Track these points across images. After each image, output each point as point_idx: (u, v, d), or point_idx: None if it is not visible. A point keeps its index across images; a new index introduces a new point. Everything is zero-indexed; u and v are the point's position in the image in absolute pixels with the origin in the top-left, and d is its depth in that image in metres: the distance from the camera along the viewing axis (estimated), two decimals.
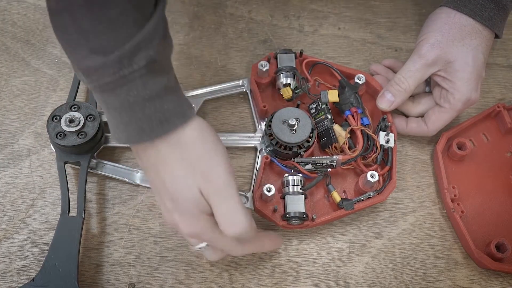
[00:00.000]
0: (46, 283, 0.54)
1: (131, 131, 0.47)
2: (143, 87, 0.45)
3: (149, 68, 0.45)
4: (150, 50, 0.45)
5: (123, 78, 0.44)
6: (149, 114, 0.46)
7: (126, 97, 0.45)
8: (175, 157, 0.48)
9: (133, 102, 0.45)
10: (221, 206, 0.48)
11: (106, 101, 0.47)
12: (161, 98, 0.46)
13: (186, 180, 0.48)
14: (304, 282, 0.60)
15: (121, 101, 0.46)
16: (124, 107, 0.46)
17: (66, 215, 0.57)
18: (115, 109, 0.47)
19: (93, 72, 0.45)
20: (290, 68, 0.65)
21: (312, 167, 0.60)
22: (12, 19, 0.73)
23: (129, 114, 0.46)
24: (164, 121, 0.47)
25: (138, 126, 0.46)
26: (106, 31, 0.44)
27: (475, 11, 0.62)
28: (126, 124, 0.47)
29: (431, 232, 0.63)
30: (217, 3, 0.76)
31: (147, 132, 0.47)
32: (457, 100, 0.62)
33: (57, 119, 0.60)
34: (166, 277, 0.59)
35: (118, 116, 0.47)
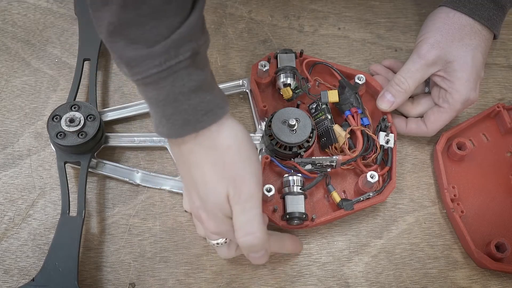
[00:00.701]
0: (46, 283, 0.54)
1: (175, 124, 0.47)
2: (188, 79, 0.45)
3: (192, 60, 0.45)
4: (194, 42, 0.45)
5: (168, 69, 0.44)
6: (194, 105, 0.46)
7: (172, 89, 0.45)
8: (208, 160, 0.48)
9: (178, 93, 0.45)
10: (242, 216, 0.49)
11: (149, 94, 0.46)
12: (204, 90, 0.47)
13: (216, 185, 0.48)
14: (304, 282, 0.60)
15: (165, 93, 0.45)
16: (169, 99, 0.46)
17: (66, 215, 0.57)
18: (158, 102, 0.46)
19: (136, 64, 0.44)
20: (290, 68, 0.65)
21: (312, 167, 0.60)
22: (12, 19, 0.73)
23: (173, 106, 0.46)
24: (209, 112, 0.47)
25: (183, 118, 0.46)
26: (149, 21, 0.43)
27: (474, 10, 0.62)
28: (169, 117, 0.46)
29: (431, 232, 0.63)
30: (217, 3, 0.76)
31: (192, 124, 0.46)
32: (456, 100, 0.62)
33: (57, 119, 0.60)
34: (166, 277, 0.59)
35: (161, 110, 0.47)
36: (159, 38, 0.44)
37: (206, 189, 0.49)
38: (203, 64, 0.47)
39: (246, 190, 0.48)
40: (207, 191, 0.49)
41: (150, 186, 0.63)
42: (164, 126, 0.47)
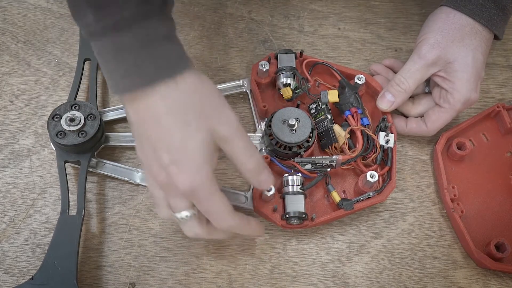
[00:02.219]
0: (45, 281, 0.54)
1: (147, 71, 0.45)
2: (160, 24, 0.45)
3: (163, 9, 0.45)
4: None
5: (143, 13, 0.44)
6: (167, 50, 0.45)
7: (147, 32, 0.44)
8: (184, 101, 0.46)
9: (152, 38, 0.45)
10: (239, 143, 0.49)
11: (117, 40, 0.45)
12: (174, 38, 0.46)
13: (196, 123, 0.47)
14: (304, 282, 0.60)
15: (139, 38, 0.44)
16: (142, 44, 0.45)
17: (66, 214, 0.57)
18: (130, 48, 0.45)
19: (109, 5, 0.43)
20: (290, 68, 0.65)
21: (311, 167, 0.60)
22: (12, 19, 0.73)
23: (146, 51, 0.45)
24: (180, 59, 0.46)
25: (156, 63, 0.45)
26: None
27: (474, 11, 0.62)
28: (140, 64, 0.45)
29: (430, 232, 0.63)
30: (217, 3, 0.76)
31: (165, 69, 0.45)
32: (457, 100, 0.62)
33: (57, 118, 0.60)
34: (166, 277, 0.59)
35: (131, 57, 0.45)
36: None
37: (182, 131, 0.46)
38: (170, 18, 0.47)
39: (233, 119, 0.48)
40: (183, 133, 0.46)
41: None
42: (131, 76, 0.45)
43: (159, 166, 0.48)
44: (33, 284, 0.54)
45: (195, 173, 0.47)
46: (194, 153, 0.47)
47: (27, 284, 0.54)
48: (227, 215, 0.50)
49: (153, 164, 0.48)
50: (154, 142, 0.47)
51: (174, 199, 0.49)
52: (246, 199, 0.61)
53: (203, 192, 0.48)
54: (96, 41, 0.46)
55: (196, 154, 0.47)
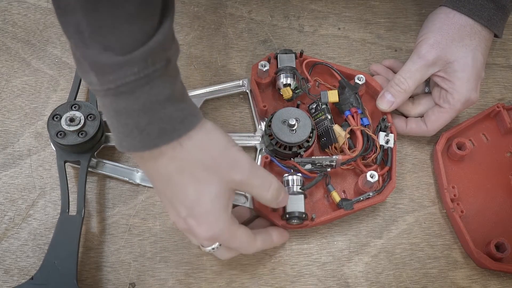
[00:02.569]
0: (45, 281, 0.54)
1: (150, 134, 0.44)
2: (163, 87, 0.44)
3: (166, 69, 0.44)
4: (168, 50, 0.44)
5: (146, 77, 0.42)
6: (169, 113, 0.44)
7: (148, 97, 0.43)
8: (192, 159, 0.46)
9: (155, 102, 0.43)
10: (255, 182, 0.50)
11: (120, 105, 0.44)
12: (178, 98, 0.45)
13: (206, 178, 0.47)
14: (304, 282, 0.60)
15: (141, 102, 0.43)
16: (145, 108, 0.43)
17: (66, 213, 0.57)
18: (132, 113, 0.44)
19: (112, 71, 0.42)
20: (290, 68, 0.65)
21: (311, 167, 0.60)
22: (12, 19, 0.73)
23: (149, 115, 0.44)
24: (184, 120, 0.45)
25: (159, 127, 0.44)
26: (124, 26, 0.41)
27: (474, 11, 0.62)
28: (143, 128, 0.44)
29: (430, 232, 0.63)
30: (217, 3, 0.76)
31: (169, 132, 0.45)
32: (457, 100, 0.62)
33: (57, 118, 0.60)
34: (167, 277, 0.59)
35: (133, 121, 0.44)
36: (135, 44, 0.42)
37: (199, 189, 0.47)
38: (175, 72, 0.46)
39: (246, 163, 0.48)
40: (200, 191, 0.47)
41: (150, 185, 0.63)
42: (135, 139, 0.45)
43: (177, 215, 0.49)
44: (33, 284, 0.54)
45: (214, 224, 0.49)
46: (209, 206, 0.48)
47: (27, 284, 0.54)
48: (251, 245, 0.53)
49: (171, 212, 0.50)
50: (169, 198, 0.49)
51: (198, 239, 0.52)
52: (246, 199, 0.61)
53: (223, 237, 0.50)
54: (99, 98, 0.45)
55: (211, 207, 0.48)
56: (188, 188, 0.47)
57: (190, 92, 0.67)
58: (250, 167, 0.49)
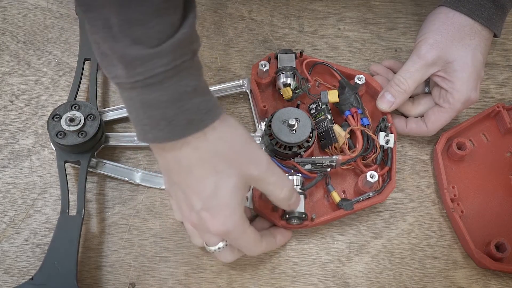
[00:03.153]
0: (45, 281, 0.54)
1: (177, 125, 0.45)
2: (190, 79, 0.45)
3: (193, 60, 0.45)
4: (195, 42, 0.45)
5: (174, 68, 0.43)
6: (197, 104, 0.45)
7: (177, 88, 0.44)
8: (214, 150, 0.47)
9: (183, 92, 0.44)
10: (271, 179, 0.50)
11: (148, 97, 0.44)
12: (202, 90, 0.46)
13: (227, 171, 0.48)
14: (304, 282, 0.60)
15: (170, 93, 0.44)
16: (173, 99, 0.44)
17: (66, 214, 0.57)
18: (160, 104, 0.44)
19: (141, 63, 0.43)
20: (290, 68, 0.65)
21: (311, 167, 0.60)
22: (12, 19, 0.73)
23: (177, 106, 0.44)
24: (209, 111, 0.46)
25: (186, 118, 0.45)
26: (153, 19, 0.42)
27: (473, 10, 0.62)
28: (171, 119, 0.45)
29: (430, 232, 0.63)
30: (217, 3, 0.76)
31: (195, 123, 0.45)
32: (457, 100, 0.62)
33: (57, 118, 0.60)
34: (166, 277, 0.59)
35: (161, 112, 0.45)
36: (163, 37, 0.43)
37: (218, 181, 0.48)
38: (199, 65, 0.47)
39: (264, 160, 0.50)
40: (219, 183, 0.48)
41: (150, 185, 0.63)
42: (162, 130, 0.46)
43: (190, 209, 0.50)
44: (33, 285, 0.54)
45: (228, 218, 0.49)
46: (226, 199, 0.48)
47: (27, 284, 0.54)
48: (257, 246, 0.54)
49: (184, 206, 0.51)
50: (185, 189, 0.49)
51: (206, 235, 0.52)
52: (246, 199, 0.61)
53: (236, 233, 0.50)
54: (123, 91, 0.46)
55: (228, 200, 0.48)
56: (207, 179, 0.48)
57: None
58: (268, 163, 0.50)
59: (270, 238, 0.57)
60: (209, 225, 0.49)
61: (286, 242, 0.61)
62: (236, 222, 0.49)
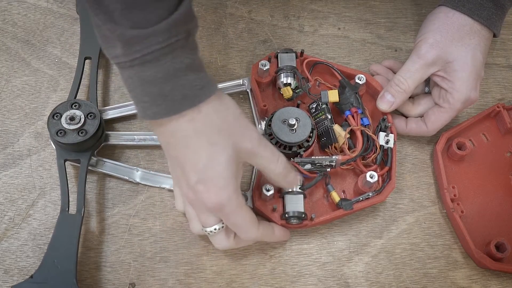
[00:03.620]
0: (45, 280, 0.54)
1: (174, 100, 0.47)
2: (185, 56, 0.47)
3: (188, 40, 0.47)
4: (189, 23, 0.47)
5: (169, 46, 0.46)
6: (191, 80, 0.48)
7: (172, 65, 0.46)
8: (209, 123, 0.49)
9: (178, 69, 0.47)
10: (264, 153, 0.52)
11: (145, 73, 0.47)
12: (197, 68, 0.48)
13: (221, 142, 0.49)
14: (304, 282, 0.60)
15: (165, 69, 0.46)
16: (169, 75, 0.47)
17: (66, 212, 0.57)
18: (156, 80, 0.47)
19: (138, 41, 0.45)
20: (291, 67, 0.65)
21: (311, 167, 0.60)
22: (12, 19, 0.73)
23: (173, 82, 0.47)
24: (204, 87, 0.48)
25: (182, 93, 0.47)
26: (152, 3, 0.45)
27: (473, 10, 0.62)
28: (167, 94, 0.47)
29: (431, 232, 0.63)
30: (217, 3, 0.76)
31: (190, 98, 0.48)
32: (457, 100, 0.62)
33: (57, 116, 0.60)
34: (166, 277, 0.59)
35: (158, 88, 0.47)
36: (159, 19, 0.45)
37: (212, 152, 0.49)
38: (194, 45, 0.49)
39: (256, 135, 0.51)
40: (213, 154, 0.49)
41: (150, 184, 0.63)
42: (160, 106, 0.48)
43: (187, 185, 0.51)
44: (32, 283, 0.54)
45: (222, 190, 0.50)
46: (220, 171, 0.50)
47: (27, 282, 0.54)
48: (252, 228, 0.54)
49: (183, 183, 0.52)
50: (182, 163, 0.51)
51: (203, 215, 0.54)
52: (246, 199, 0.61)
53: (230, 207, 0.51)
54: (123, 71, 0.48)
55: (223, 171, 0.50)
56: (202, 151, 0.49)
57: None
58: (260, 137, 0.52)
59: (268, 227, 0.57)
60: (204, 198, 0.50)
61: (285, 239, 0.60)
62: (230, 195, 0.50)
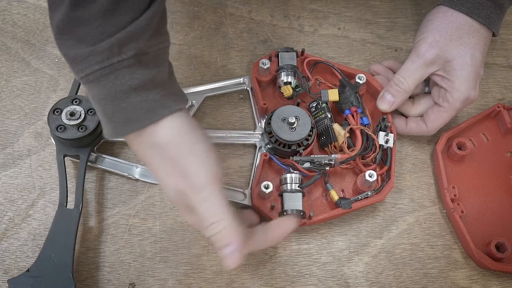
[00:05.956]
0: (41, 274, 0.54)
1: (117, 123, 0.47)
2: (130, 77, 0.45)
3: (138, 59, 0.45)
4: (141, 42, 0.45)
5: (110, 66, 0.44)
6: (134, 103, 0.46)
7: (113, 86, 0.45)
8: (154, 158, 0.48)
9: (119, 91, 0.45)
10: (201, 207, 0.47)
11: (92, 93, 0.47)
12: (147, 89, 0.46)
13: (167, 181, 0.48)
14: (304, 282, 0.60)
15: (107, 91, 0.45)
16: (110, 97, 0.45)
17: (64, 207, 0.58)
18: (100, 101, 0.46)
19: (80, 61, 0.45)
20: (291, 66, 0.65)
21: (310, 166, 0.60)
22: (12, 19, 0.73)
23: (114, 104, 0.46)
24: (149, 110, 0.46)
25: (124, 116, 0.46)
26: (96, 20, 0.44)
27: (472, 9, 0.62)
28: (110, 116, 0.47)
29: (431, 232, 0.63)
30: (217, 3, 0.76)
31: (133, 122, 0.46)
32: (456, 99, 0.62)
33: (58, 112, 0.61)
34: (166, 277, 0.59)
35: (102, 108, 0.47)
36: (104, 37, 0.44)
37: (162, 184, 0.49)
38: (153, 64, 0.47)
39: (197, 181, 0.47)
40: (163, 186, 0.49)
41: (149, 181, 0.63)
42: (107, 126, 0.48)
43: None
44: (29, 277, 0.54)
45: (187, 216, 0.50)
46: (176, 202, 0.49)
47: (23, 276, 0.54)
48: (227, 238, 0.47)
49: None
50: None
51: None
52: (244, 197, 0.61)
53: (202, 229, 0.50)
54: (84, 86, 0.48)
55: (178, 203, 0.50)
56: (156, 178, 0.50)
57: (191, 89, 0.67)
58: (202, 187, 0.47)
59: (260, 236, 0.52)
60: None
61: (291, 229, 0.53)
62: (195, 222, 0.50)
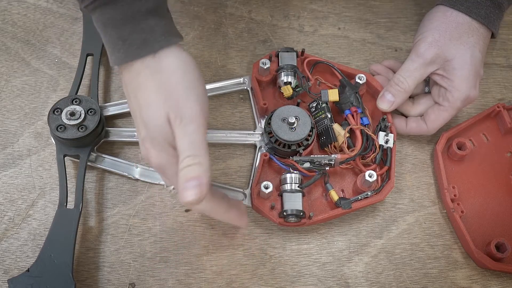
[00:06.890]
0: (41, 273, 0.54)
1: (132, 45, 0.47)
2: (145, 0, 0.46)
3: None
4: None
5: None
6: (152, 25, 0.46)
7: (130, 7, 0.46)
8: (154, 82, 0.48)
9: (137, 11, 0.46)
10: (183, 139, 0.47)
11: (106, 16, 0.47)
12: (160, 15, 0.47)
13: (158, 106, 0.47)
14: (304, 282, 0.59)
15: (124, 11, 0.46)
16: (127, 17, 0.46)
17: (64, 207, 0.58)
18: (116, 22, 0.46)
19: None
20: (291, 66, 0.65)
21: (310, 166, 0.60)
22: (12, 19, 0.73)
23: (131, 26, 0.46)
24: (167, 33, 0.47)
25: (141, 37, 0.46)
26: None
27: (471, 8, 0.62)
28: (126, 38, 0.46)
29: (431, 232, 0.63)
30: (217, 3, 0.76)
31: (149, 44, 0.47)
32: (456, 98, 0.62)
33: (58, 112, 0.61)
34: (166, 277, 0.59)
35: (118, 31, 0.47)
36: None
37: (149, 111, 0.48)
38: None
39: (188, 113, 0.47)
40: (149, 113, 0.48)
41: (149, 181, 0.63)
42: (120, 50, 0.47)
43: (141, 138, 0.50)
44: (29, 276, 0.54)
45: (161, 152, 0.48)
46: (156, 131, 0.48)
47: (23, 276, 0.54)
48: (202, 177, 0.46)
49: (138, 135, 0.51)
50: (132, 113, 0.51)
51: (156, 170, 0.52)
52: (244, 197, 0.61)
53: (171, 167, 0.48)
54: (92, 15, 0.48)
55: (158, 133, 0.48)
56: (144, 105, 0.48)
57: None
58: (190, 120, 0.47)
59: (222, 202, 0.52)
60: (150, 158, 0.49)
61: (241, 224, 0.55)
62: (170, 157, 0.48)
